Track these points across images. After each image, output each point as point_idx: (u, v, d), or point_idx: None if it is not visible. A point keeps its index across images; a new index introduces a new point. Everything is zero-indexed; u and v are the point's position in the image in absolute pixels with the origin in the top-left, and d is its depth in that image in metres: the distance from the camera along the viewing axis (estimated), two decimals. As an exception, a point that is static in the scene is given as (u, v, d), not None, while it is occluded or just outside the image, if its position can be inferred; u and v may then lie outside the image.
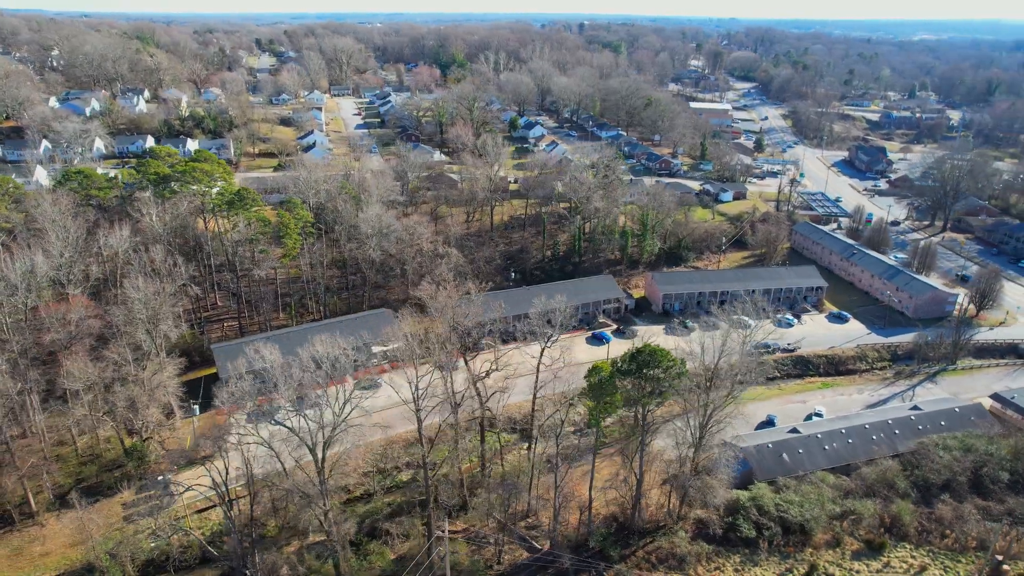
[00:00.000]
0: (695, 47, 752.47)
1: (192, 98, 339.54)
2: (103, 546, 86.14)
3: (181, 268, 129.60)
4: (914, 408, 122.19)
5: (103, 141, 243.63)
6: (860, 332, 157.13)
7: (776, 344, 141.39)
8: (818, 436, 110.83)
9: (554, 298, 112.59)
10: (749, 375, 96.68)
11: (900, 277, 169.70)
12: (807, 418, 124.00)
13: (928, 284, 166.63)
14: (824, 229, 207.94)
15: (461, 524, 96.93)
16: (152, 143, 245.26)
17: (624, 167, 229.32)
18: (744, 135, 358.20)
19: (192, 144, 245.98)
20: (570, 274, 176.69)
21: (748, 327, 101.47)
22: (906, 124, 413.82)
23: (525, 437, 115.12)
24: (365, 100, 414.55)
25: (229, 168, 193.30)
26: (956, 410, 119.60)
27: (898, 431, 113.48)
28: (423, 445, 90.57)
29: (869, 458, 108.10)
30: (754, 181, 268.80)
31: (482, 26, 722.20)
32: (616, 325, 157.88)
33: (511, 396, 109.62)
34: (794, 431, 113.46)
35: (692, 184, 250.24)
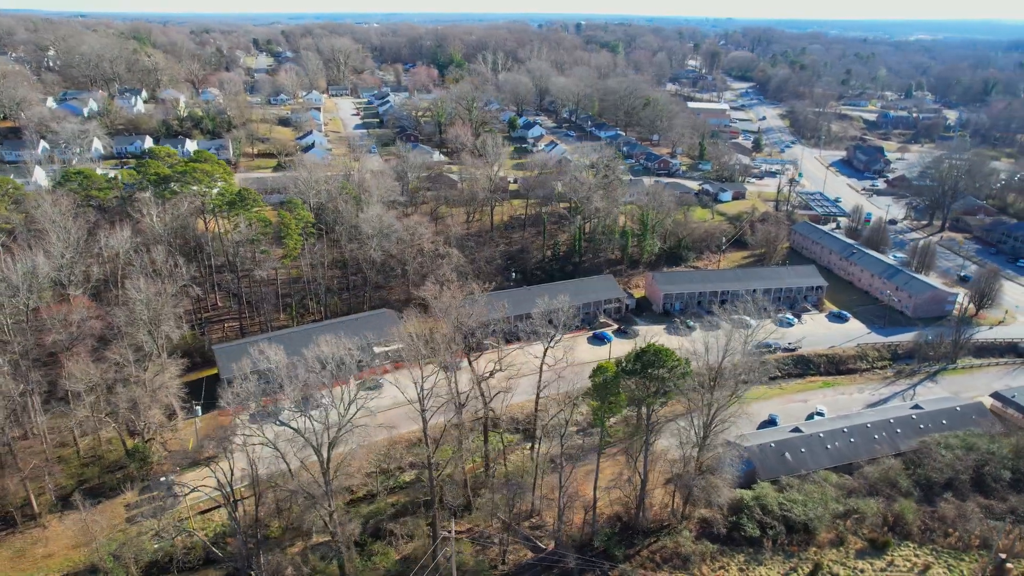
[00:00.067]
0: (692, 47, 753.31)
1: (190, 98, 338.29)
2: (107, 548, 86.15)
3: (182, 269, 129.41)
4: (915, 407, 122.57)
5: (101, 142, 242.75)
6: (860, 331, 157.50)
7: (777, 343, 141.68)
8: (820, 435, 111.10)
9: (556, 298, 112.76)
10: (752, 374, 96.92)
11: (900, 276, 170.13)
12: (809, 417, 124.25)
13: (928, 283, 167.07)
14: (823, 229, 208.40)
15: (465, 524, 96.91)
16: (151, 144, 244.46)
17: (623, 167, 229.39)
18: (742, 135, 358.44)
19: (191, 145, 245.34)
20: (570, 274, 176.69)
21: (749, 327, 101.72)
22: (903, 124, 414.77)
23: (528, 437, 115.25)
24: (363, 100, 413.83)
25: (229, 168, 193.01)
26: (957, 409, 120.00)
27: (900, 430, 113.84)
28: (428, 445, 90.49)
29: (871, 457, 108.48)
30: (753, 181, 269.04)
31: (479, 26, 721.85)
32: (617, 325, 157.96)
33: (513, 396, 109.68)
34: (796, 430, 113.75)
35: (691, 184, 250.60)
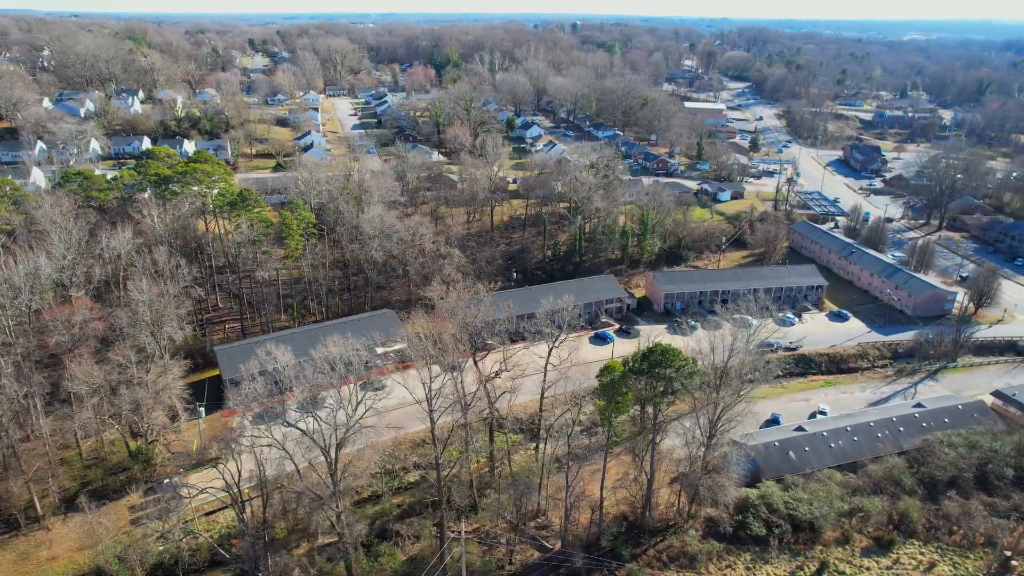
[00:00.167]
0: (688, 47, 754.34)
1: (187, 99, 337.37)
2: (111, 550, 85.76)
3: (184, 270, 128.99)
4: (917, 406, 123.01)
5: (99, 142, 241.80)
6: (860, 330, 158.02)
7: (778, 343, 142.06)
8: (824, 434, 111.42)
9: (560, 298, 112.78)
10: (757, 374, 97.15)
11: (899, 275, 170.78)
12: (811, 416, 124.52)
13: (927, 282, 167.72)
14: (822, 228, 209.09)
15: (472, 524, 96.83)
16: (149, 144, 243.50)
17: (623, 167, 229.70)
18: (739, 135, 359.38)
19: (189, 145, 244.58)
20: (571, 274, 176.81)
21: (751, 326, 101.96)
22: (899, 123, 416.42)
23: (532, 437, 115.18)
24: (361, 100, 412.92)
25: (229, 169, 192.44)
26: (959, 407, 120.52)
27: (902, 428, 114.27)
28: (435, 446, 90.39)
29: (875, 455, 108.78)
30: (751, 180, 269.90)
31: (476, 26, 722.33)
32: (619, 325, 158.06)
33: (517, 396, 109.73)
34: (800, 429, 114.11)
35: (690, 184, 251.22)
